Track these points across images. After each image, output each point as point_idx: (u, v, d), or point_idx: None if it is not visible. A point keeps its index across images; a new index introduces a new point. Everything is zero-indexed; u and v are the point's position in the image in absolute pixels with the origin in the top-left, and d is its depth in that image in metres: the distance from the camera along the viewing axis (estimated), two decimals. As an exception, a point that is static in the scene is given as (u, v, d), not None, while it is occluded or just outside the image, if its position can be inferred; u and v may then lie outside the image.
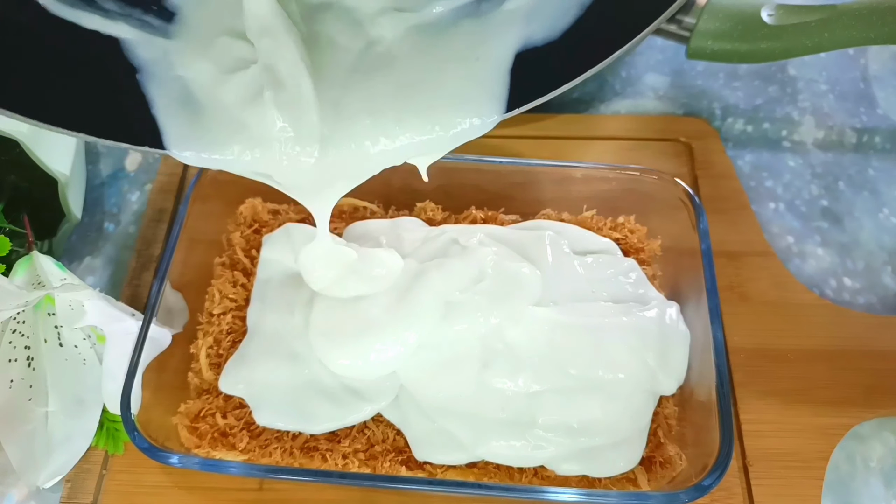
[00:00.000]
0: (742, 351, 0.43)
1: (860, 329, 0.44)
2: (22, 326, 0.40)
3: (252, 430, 0.39)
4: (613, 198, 0.45)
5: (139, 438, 0.35)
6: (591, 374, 0.38)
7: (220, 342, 0.42)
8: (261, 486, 0.39)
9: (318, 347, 0.39)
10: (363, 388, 0.39)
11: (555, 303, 0.40)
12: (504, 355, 0.38)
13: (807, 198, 0.51)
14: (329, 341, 0.39)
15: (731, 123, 0.55)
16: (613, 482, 0.37)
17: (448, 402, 0.38)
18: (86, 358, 0.41)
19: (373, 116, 0.29)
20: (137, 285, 0.47)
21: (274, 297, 0.42)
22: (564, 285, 0.41)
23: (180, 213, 0.42)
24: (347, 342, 0.38)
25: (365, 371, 0.38)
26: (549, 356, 0.38)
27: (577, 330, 0.39)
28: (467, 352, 0.38)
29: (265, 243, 0.44)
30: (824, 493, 0.38)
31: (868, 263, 0.48)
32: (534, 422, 0.37)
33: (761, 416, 0.41)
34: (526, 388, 0.37)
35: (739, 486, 0.39)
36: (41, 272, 0.40)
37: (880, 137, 0.54)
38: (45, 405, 0.39)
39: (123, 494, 0.39)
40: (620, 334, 0.39)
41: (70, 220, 0.46)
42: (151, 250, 0.48)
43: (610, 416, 0.37)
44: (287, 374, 0.39)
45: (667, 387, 0.39)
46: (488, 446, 0.37)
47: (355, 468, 0.37)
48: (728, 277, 0.46)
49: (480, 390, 0.38)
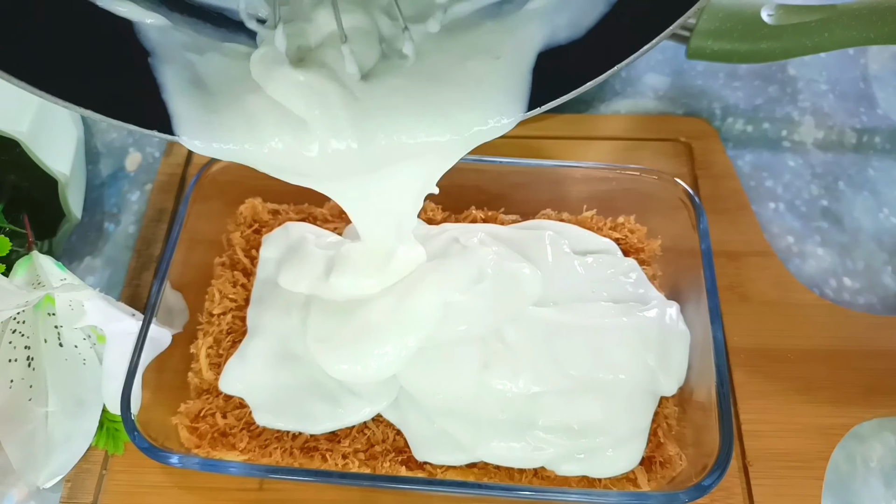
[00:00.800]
0: (742, 351, 0.43)
1: (860, 329, 0.44)
2: (22, 326, 0.40)
3: (252, 430, 0.39)
4: (613, 198, 0.45)
5: (139, 438, 0.35)
6: (591, 375, 0.38)
7: (220, 342, 0.42)
8: (261, 486, 0.39)
9: (317, 353, 0.38)
10: (363, 390, 0.39)
11: (555, 303, 0.40)
12: (504, 356, 0.38)
13: (807, 198, 0.51)
14: (327, 348, 0.38)
15: (731, 123, 0.55)
16: (613, 482, 0.37)
17: (448, 403, 0.38)
18: (86, 358, 0.41)
19: (391, 113, 0.28)
20: (137, 285, 0.47)
21: (272, 297, 0.42)
22: (565, 285, 0.41)
23: (180, 213, 0.42)
24: (346, 349, 0.38)
25: (365, 376, 0.38)
26: (550, 357, 0.38)
27: (577, 330, 0.39)
28: (467, 352, 0.38)
29: (264, 243, 0.44)
30: (824, 493, 0.38)
31: (868, 263, 0.48)
32: (534, 423, 0.37)
33: (761, 416, 0.41)
34: (526, 389, 0.37)
35: (739, 486, 0.39)
36: (41, 272, 0.40)
37: (880, 137, 0.54)
38: (45, 405, 0.39)
39: (123, 494, 0.39)
40: (621, 335, 0.39)
41: (70, 220, 0.46)
42: (151, 250, 0.48)
43: (610, 417, 0.37)
44: (286, 375, 0.39)
45: (667, 387, 0.39)
46: (488, 448, 0.37)
47: (355, 468, 0.37)
48: (728, 277, 0.46)
49: (480, 391, 0.38)
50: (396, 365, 0.38)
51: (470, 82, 0.28)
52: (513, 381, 0.37)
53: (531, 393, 0.37)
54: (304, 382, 0.39)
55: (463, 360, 0.38)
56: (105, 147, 0.55)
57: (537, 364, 0.38)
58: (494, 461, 0.37)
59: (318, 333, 0.39)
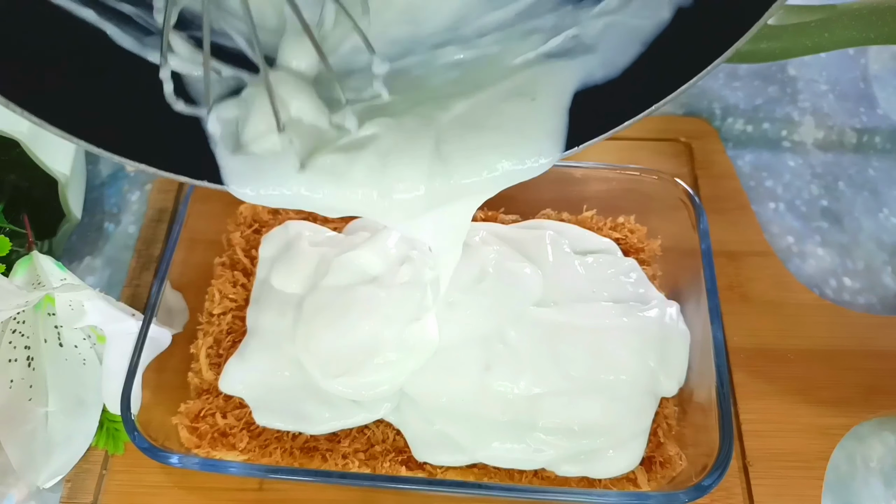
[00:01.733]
0: (742, 351, 0.43)
1: (860, 329, 0.44)
2: (22, 326, 0.40)
3: (252, 430, 0.39)
4: (613, 198, 0.45)
5: (139, 438, 0.35)
6: (592, 377, 0.38)
7: (221, 342, 0.42)
8: (261, 486, 0.39)
9: (308, 365, 0.38)
10: (362, 400, 0.39)
11: (556, 303, 0.40)
12: (506, 358, 0.38)
13: (807, 198, 0.51)
14: (325, 373, 0.38)
15: (731, 123, 0.55)
16: (613, 482, 0.37)
17: (448, 405, 0.38)
18: (86, 358, 0.40)
19: (424, 154, 0.28)
20: (137, 285, 0.47)
21: (269, 297, 0.42)
22: (566, 285, 0.41)
23: (180, 213, 0.42)
24: (345, 375, 0.37)
25: (364, 396, 0.38)
26: (551, 358, 0.38)
27: (578, 332, 0.39)
28: (469, 355, 0.38)
29: (263, 242, 0.44)
30: (824, 493, 0.38)
31: (868, 263, 0.48)
32: (534, 425, 0.37)
33: (761, 416, 0.41)
34: (527, 390, 0.37)
35: (739, 486, 0.39)
36: (41, 272, 0.40)
37: (880, 137, 0.54)
38: (45, 405, 0.39)
39: (123, 494, 0.39)
40: (622, 336, 0.39)
41: (70, 220, 0.46)
42: (151, 250, 0.48)
43: (611, 419, 0.37)
44: (284, 377, 0.39)
45: (668, 388, 0.39)
46: (488, 449, 0.37)
47: (355, 468, 0.37)
48: (728, 277, 0.45)
49: (482, 393, 0.37)
50: (395, 388, 0.38)
51: (505, 124, 0.28)
52: (514, 383, 0.37)
53: (532, 394, 0.37)
54: (302, 385, 0.39)
55: (465, 362, 0.38)
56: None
57: (539, 365, 0.38)
58: (494, 463, 0.37)
59: (310, 344, 0.38)
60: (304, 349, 0.39)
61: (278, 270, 0.42)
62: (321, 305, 0.40)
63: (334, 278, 0.40)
